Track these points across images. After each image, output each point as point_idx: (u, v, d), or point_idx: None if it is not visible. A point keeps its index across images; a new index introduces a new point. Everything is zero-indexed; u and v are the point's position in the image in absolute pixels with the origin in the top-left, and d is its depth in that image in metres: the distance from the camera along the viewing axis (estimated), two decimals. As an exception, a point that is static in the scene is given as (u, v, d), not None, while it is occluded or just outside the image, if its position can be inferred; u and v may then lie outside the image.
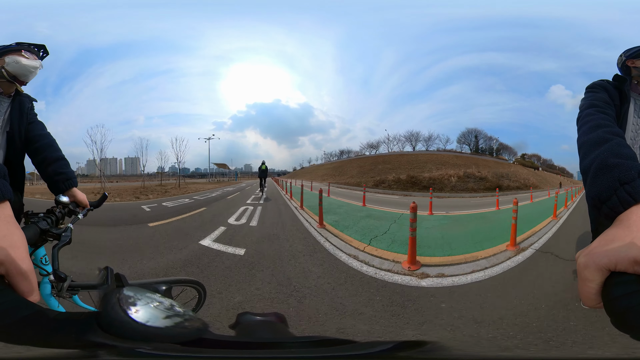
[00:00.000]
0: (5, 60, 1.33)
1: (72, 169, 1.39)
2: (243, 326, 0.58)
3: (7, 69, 1.33)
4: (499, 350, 0.81)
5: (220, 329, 0.61)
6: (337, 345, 0.45)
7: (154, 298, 0.43)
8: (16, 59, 1.34)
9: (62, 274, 0.94)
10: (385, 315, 2.39)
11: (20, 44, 1.39)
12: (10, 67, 1.33)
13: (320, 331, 2.15)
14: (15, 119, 1.39)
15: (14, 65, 1.34)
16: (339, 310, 2.44)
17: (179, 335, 0.38)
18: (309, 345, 0.47)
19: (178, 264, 3.55)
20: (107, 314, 0.37)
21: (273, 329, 0.58)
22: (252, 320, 0.60)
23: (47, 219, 0.99)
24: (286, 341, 0.51)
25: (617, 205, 0.46)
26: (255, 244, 4.51)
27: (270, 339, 0.52)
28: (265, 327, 0.59)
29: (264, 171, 14.42)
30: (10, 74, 1.34)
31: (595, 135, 0.69)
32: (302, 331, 2.15)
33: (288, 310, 2.46)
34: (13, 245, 0.45)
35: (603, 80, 1.24)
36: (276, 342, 0.49)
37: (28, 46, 1.41)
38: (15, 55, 1.35)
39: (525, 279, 3.24)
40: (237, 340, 0.49)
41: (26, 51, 1.39)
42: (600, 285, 0.39)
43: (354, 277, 3.22)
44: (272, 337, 0.54)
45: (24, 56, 1.37)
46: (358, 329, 2.16)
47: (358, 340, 0.46)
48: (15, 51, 1.36)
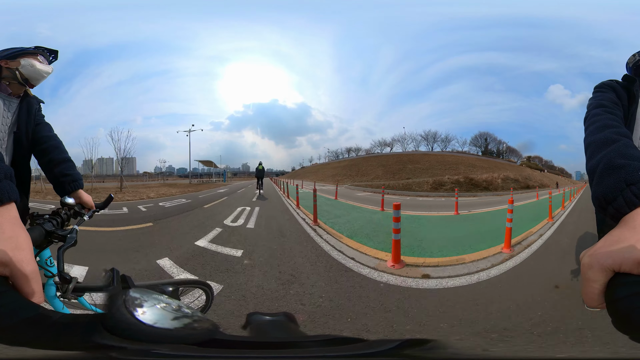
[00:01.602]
0: (21, 62, 1.33)
1: (78, 171, 1.39)
2: (254, 326, 0.58)
3: (21, 71, 1.33)
4: (502, 349, 0.81)
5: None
6: (347, 344, 0.45)
7: (160, 299, 0.42)
8: (32, 62, 1.34)
9: (68, 275, 0.93)
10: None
11: (38, 48, 1.40)
12: (25, 70, 1.34)
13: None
14: (23, 121, 1.40)
15: (29, 68, 1.34)
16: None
17: (190, 337, 0.38)
18: (320, 344, 0.47)
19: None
20: (113, 316, 0.37)
21: (284, 329, 0.58)
22: (263, 320, 0.60)
23: (53, 220, 0.99)
24: (299, 340, 0.51)
25: (623, 206, 0.46)
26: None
27: (284, 339, 0.52)
28: (276, 326, 0.59)
29: (260, 171, 15.41)
30: (23, 76, 1.34)
31: (602, 135, 0.69)
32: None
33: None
34: (18, 247, 0.45)
35: (612, 80, 1.24)
36: (289, 342, 0.49)
37: (43, 50, 1.42)
38: (32, 58, 1.35)
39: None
40: (250, 340, 0.49)
41: (41, 55, 1.40)
42: (604, 285, 0.39)
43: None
44: (285, 337, 0.54)
45: (39, 60, 1.38)
46: None
47: (367, 339, 0.47)
48: (32, 54, 1.37)
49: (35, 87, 1.44)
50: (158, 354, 0.35)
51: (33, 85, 1.42)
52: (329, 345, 0.46)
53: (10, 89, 1.37)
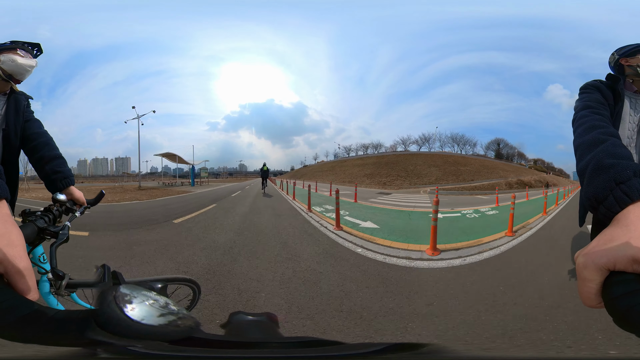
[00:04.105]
0: (1, 59, 1.32)
1: (69, 168, 1.38)
2: (234, 325, 0.58)
3: (2, 67, 1.32)
4: (497, 351, 0.81)
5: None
6: (326, 346, 0.45)
7: (149, 296, 0.43)
8: (12, 57, 1.33)
9: (60, 271, 0.94)
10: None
11: (15, 43, 1.38)
12: (6, 66, 1.33)
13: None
14: (11, 117, 1.38)
15: (10, 64, 1.33)
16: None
17: (170, 334, 0.39)
18: (297, 346, 0.47)
19: None
20: (104, 312, 0.37)
21: (263, 329, 0.59)
22: (244, 319, 0.60)
23: (45, 217, 0.99)
24: (275, 341, 0.51)
25: (614, 205, 0.47)
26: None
27: (259, 339, 0.53)
28: (256, 326, 0.59)
29: (265, 172, 18.10)
30: (5, 72, 1.33)
31: (590, 136, 0.69)
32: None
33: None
34: (11, 244, 0.45)
35: (596, 80, 1.23)
36: (265, 342, 0.49)
37: (22, 45, 1.40)
38: (11, 53, 1.34)
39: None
40: (225, 339, 0.49)
41: (21, 50, 1.38)
42: (600, 285, 0.39)
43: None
44: (260, 337, 0.54)
45: (20, 55, 1.36)
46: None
47: (346, 341, 0.46)
48: (11, 50, 1.35)
49: (32, 87, 1.43)
50: (137, 351, 0.35)
51: (19, 81, 1.40)
52: (305, 347, 0.46)
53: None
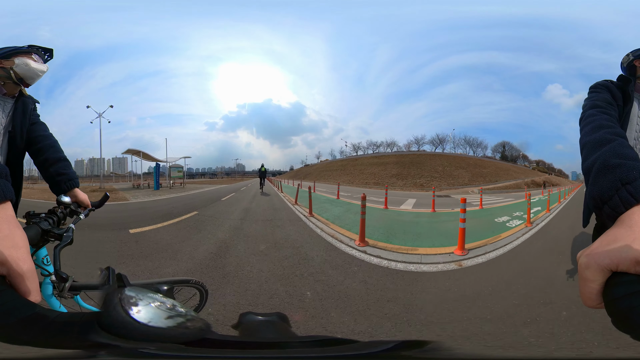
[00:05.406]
0: (15, 61, 1.32)
1: (74, 170, 1.39)
2: (246, 326, 0.58)
3: (15, 70, 1.32)
4: (501, 350, 0.80)
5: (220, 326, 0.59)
6: (340, 344, 0.45)
7: (155, 298, 0.42)
8: (26, 61, 1.33)
9: (64, 274, 0.93)
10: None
11: (32, 47, 1.39)
12: (19, 69, 1.33)
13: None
14: (18, 120, 1.39)
15: (24, 67, 1.33)
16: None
17: (182, 336, 0.38)
18: (311, 345, 0.47)
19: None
20: (109, 314, 0.37)
21: (276, 329, 0.58)
22: (255, 320, 0.60)
23: (49, 219, 0.99)
24: (290, 341, 0.51)
25: (619, 205, 0.46)
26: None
27: (274, 339, 0.52)
28: (268, 326, 0.59)
29: (263, 172, 18.65)
30: (17, 75, 1.33)
31: (597, 135, 0.69)
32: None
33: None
34: (15, 246, 0.45)
35: (607, 80, 1.23)
36: (280, 342, 0.49)
37: (37, 49, 1.40)
38: (26, 57, 1.34)
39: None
40: (240, 340, 0.49)
41: (35, 54, 1.39)
42: (602, 285, 0.39)
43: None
44: (275, 337, 0.54)
45: (33, 59, 1.36)
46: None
47: (360, 340, 0.46)
48: (26, 53, 1.36)
49: (31, 88, 1.43)
50: (149, 353, 0.35)
51: (28, 85, 1.41)
52: (319, 346, 0.46)
53: (5, 88, 1.36)
